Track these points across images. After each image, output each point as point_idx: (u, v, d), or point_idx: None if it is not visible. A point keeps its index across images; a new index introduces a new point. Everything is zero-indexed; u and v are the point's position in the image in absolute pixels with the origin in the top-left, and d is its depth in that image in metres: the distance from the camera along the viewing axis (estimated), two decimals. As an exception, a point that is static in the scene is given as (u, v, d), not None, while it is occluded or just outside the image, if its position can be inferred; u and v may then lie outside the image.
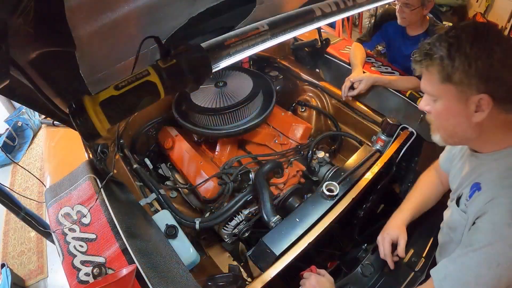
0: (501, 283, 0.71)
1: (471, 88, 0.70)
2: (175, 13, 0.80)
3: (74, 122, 0.68)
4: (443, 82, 0.73)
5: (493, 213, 0.73)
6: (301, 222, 1.14)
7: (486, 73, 0.68)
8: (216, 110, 1.46)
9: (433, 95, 0.78)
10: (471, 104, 0.72)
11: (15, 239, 2.55)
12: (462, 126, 0.76)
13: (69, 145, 1.47)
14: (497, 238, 0.71)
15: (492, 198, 0.74)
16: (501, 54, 0.67)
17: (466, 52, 0.68)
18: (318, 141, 1.66)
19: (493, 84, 0.69)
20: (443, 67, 0.71)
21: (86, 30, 0.65)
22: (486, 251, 0.72)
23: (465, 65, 0.69)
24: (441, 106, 0.77)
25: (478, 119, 0.73)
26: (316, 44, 1.90)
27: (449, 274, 0.78)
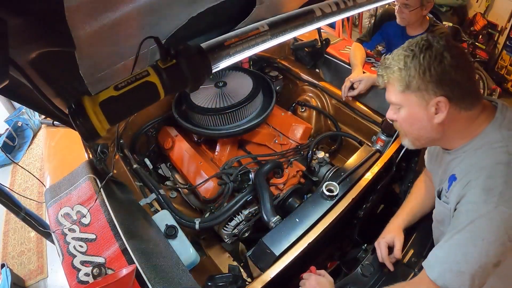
0: (489, 258, 0.73)
1: (428, 93, 0.78)
2: (175, 13, 0.80)
3: (74, 123, 0.68)
4: (403, 91, 0.81)
5: (470, 194, 0.77)
6: (301, 223, 1.14)
7: (440, 78, 0.76)
8: (216, 110, 1.46)
9: (397, 104, 0.85)
10: (430, 107, 0.79)
11: (15, 239, 2.55)
12: (426, 129, 0.83)
13: (69, 145, 1.47)
14: (477, 215, 0.75)
15: (468, 182, 0.79)
16: (451, 59, 0.75)
17: (419, 61, 0.77)
18: (318, 141, 1.66)
19: (447, 86, 0.76)
20: (402, 77, 0.80)
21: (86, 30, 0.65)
22: (469, 229, 0.75)
23: (420, 73, 0.77)
24: (405, 113, 0.84)
25: (439, 120, 0.80)
26: (316, 44, 1.90)
27: (439, 259, 0.81)
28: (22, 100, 0.76)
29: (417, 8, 1.62)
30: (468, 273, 0.75)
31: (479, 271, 0.74)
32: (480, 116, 0.82)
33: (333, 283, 1.04)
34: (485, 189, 0.75)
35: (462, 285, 0.75)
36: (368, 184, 1.28)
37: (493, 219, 0.73)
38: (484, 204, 0.74)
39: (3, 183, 1.22)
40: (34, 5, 0.53)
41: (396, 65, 0.80)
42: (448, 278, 0.77)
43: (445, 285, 0.78)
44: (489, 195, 0.74)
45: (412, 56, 0.78)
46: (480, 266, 0.74)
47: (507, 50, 3.32)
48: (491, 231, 0.73)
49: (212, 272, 1.20)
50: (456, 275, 0.76)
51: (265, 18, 0.92)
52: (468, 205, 0.77)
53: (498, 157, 0.76)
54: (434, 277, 0.80)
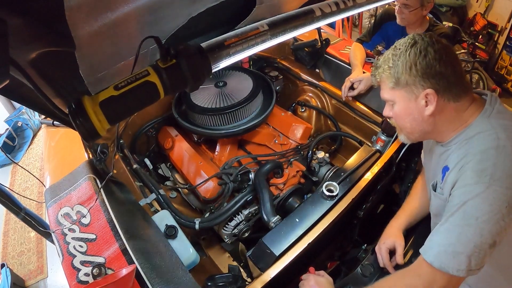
0: (485, 237, 0.74)
1: (416, 87, 0.84)
2: (175, 13, 0.80)
3: (74, 122, 0.68)
4: (394, 87, 0.87)
5: (462, 178, 0.80)
6: (301, 223, 1.14)
7: (425, 71, 0.82)
8: (216, 110, 1.46)
9: (390, 100, 0.91)
10: (420, 100, 0.84)
11: (15, 239, 2.55)
12: (417, 121, 0.89)
13: (69, 145, 1.47)
14: (470, 196, 0.76)
15: (460, 168, 0.81)
16: (435, 53, 0.81)
17: (406, 58, 0.83)
18: (318, 141, 1.66)
19: (433, 79, 0.82)
20: (391, 75, 0.86)
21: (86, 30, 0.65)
22: (462, 210, 0.77)
23: (407, 68, 0.83)
24: (398, 108, 0.90)
25: (429, 111, 0.85)
26: (316, 44, 1.90)
27: (434, 243, 0.82)
28: (22, 100, 0.76)
29: (417, 8, 1.62)
30: (464, 253, 0.75)
31: (475, 252, 0.74)
32: (469, 108, 0.86)
33: (332, 283, 1.04)
34: (477, 171, 0.77)
35: (459, 266, 0.76)
36: (368, 184, 1.28)
37: (485, 198, 0.74)
38: (476, 185, 0.76)
39: (3, 183, 1.22)
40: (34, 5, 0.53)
41: (386, 64, 0.87)
42: (444, 259, 0.78)
43: (442, 267, 0.78)
44: (480, 176, 0.76)
45: (399, 54, 0.85)
46: (475, 246, 0.74)
47: (507, 50, 3.33)
48: (484, 210, 0.74)
49: (212, 272, 1.20)
50: (452, 256, 0.77)
51: (265, 18, 0.92)
52: (461, 189, 0.79)
53: (488, 143, 0.80)
54: (431, 259, 0.80)
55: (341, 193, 1.22)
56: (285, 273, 1.04)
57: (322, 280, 1.02)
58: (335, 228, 1.17)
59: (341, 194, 1.22)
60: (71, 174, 1.25)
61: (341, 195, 1.22)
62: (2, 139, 3.19)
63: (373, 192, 1.41)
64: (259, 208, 1.33)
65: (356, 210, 1.39)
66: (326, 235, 1.13)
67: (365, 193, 1.30)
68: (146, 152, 1.76)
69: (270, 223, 1.21)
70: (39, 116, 3.36)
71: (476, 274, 0.77)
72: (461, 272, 0.76)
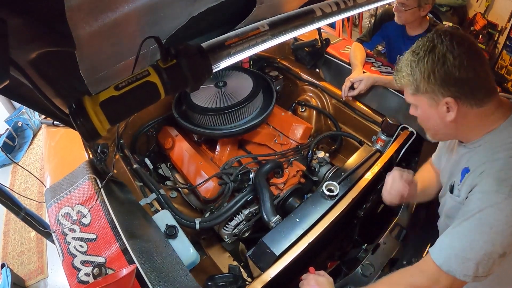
0: (496, 247, 0.74)
1: (437, 94, 0.81)
2: (175, 13, 0.80)
3: (74, 123, 0.68)
4: (414, 93, 0.85)
5: (482, 184, 0.78)
6: (301, 222, 1.14)
7: (444, 79, 0.78)
8: (216, 110, 1.46)
9: (413, 104, 0.90)
10: (441, 106, 0.82)
11: (15, 239, 2.55)
12: (439, 126, 0.87)
13: (69, 145, 1.47)
14: (487, 204, 0.75)
15: (481, 172, 0.80)
16: (454, 60, 0.76)
17: (424, 65, 0.80)
18: (318, 141, 1.66)
19: (453, 87, 0.78)
20: (411, 82, 0.84)
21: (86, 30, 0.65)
22: (478, 217, 0.76)
23: (425, 77, 0.80)
24: (420, 112, 0.89)
25: (450, 118, 0.82)
26: (316, 44, 1.90)
27: (445, 245, 0.82)
28: (22, 100, 0.76)
29: (414, 8, 1.61)
30: (473, 260, 0.75)
31: (484, 260, 0.74)
32: (496, 112, 0.83)
33: (332, 283, 1.03)
34: (498, 179, 0.75)
35: (466, 271, 0.76)
36: (368, 184, 1.28)
37: (502, 210, 0.73)
38: (495, 194, 0.75)
39: (3, 183, 1.22)
40: (34, 5, 0.53)
41: (405, 71, 0.84)
42: (453, 264, 0.77)
43: (450, 270, 0.78)
44: (501, 185, 0.75)
45: (417, 60, 0.81)
46: (485, 254, 0.74)
47: (507, 50, 3.33)
48: (499, 221, 0.73)
49: (212, 272, 1.20)
50: (461, 262, 0.76)
51: (265, 18, 0.92)
52: (479, 194, 0.78)
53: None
54: (440, 262, 0.80)
55: (341, 193, 1.22)
56: (285, 273, 1.04)
57: (322, 280, 1.02)
58: (335, 228, 1.17)
59: (341, 194, 1.22)
60: (71, 174, 1.25)
61: (341, 195, 1.22)
62: (2, 139, 3.19)
63: (373, 192, 1.41)
64: (259, 208, 1.33)
65: (356, 210, 1.39)
66: (326, 235, 1.13)
67: (365, 193, 1.30)
68: (146, 152, 1.76)
69: (270, 223, 1.21)
70: (39, 116, 3.36)
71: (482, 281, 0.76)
72: (468, 277, 0.76)
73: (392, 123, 1.48)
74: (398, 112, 1.58)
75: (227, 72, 1.69)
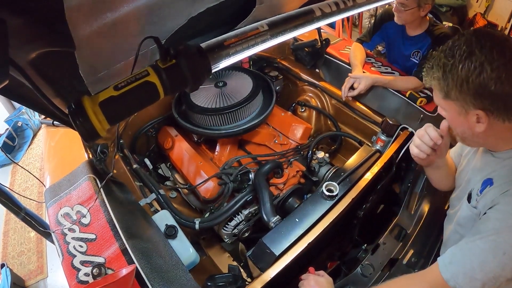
0: (505, 272, 0.73)
1: (468, 104, 0.76)
2: (175, 13, 0.80)
3: (74, 123, 0.68)
4: (444, 98, 0.80)
5: (504, 204, 0.75)
6: (301, 223, 1.14)
7: (478, 91, 0.72)
8: (216, 110, 1.46)
9: (441, 107, 0.85)
10: (471, 117, 0.78)
11: (15, 239, 2.55)
12: (467, 134, 0.83)
13: (69, 145, 1.47)
14: (505, 228, 0.73)
15: (506, 191, 0.77)
16: (492, 72, 0.70)
17: (458, 72, 0.73)
18: (318, 141, 1.66)
19: (486, 100, 0.73)
20: (441, 86, 0.79)
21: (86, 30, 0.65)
22: (493, 239, 0.74)
23: (458, 85, 0.74)
24: (448, 116, 0.85)
25: (480, 129, 0.78)
26: (316, 44, 1.90)
27: (455, 260, 0.80)
28: (22, 100, 0.76)
29: (413, 8, 1.62)
30: (481, 280, 0.74)
31: (491, 281, 0.74)
32: None
33: (332, 283, 1.04)
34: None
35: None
36: (368, 184, 1.28)
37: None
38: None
39: (3, 183, 1.22)
40: (34, 5, 0.53)
41: (436, 73, 0.78)
42: (461, 281, 0.77)
43: (456, 286, 0.77)
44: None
45: (451, 65, 0.74)
46: (494, 277, 0.74)
47: (507, 50, 3.32)
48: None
49: (212, 272, 1.20)
50: (469, 280, 0.76)
51: (265, 18, 0.92)
52: (499, 214, 0.76)
53: None
54: (447, 276, 0.79)
55: (341, 193, 1.22)
56: (285, 273, 1.04)
57: (322, 280, 1.02)
58: (335, 228, 1.17)
59: (341, 194, 1.22)
60: (71, 174, 1.25)
61: (341, 195, 1.22)
62: (2, 139, 3.19)
63: (373, 192, 1.41)
64: (259, 208, 1.33)
65: (356, 210, 1.39)
66: (326, 235, 1.13)
67: (365, 193, 1.30)
68: (146, 152, 1.76)
69: (270, 223, 1.21)
70: (39, 116, 3.36)
71: None
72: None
73: (392, 123, 1.48)
74: (398, 112, 1.58)
75: (227, 72, 1.69)
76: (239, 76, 1.66)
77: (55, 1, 0.54)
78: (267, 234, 1.12)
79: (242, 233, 1.40)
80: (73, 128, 0.69)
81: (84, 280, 0.94)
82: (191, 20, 0.84)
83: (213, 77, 1.64)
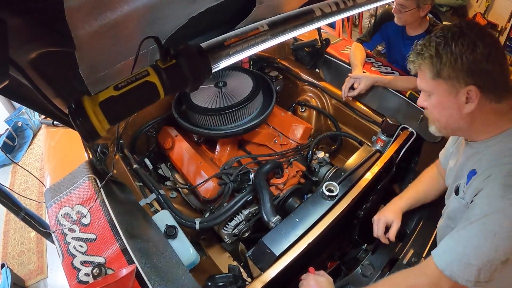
0: (499, 253, 0.73)
1: (459, 82, 0.78)
2: (175, 13, 0.80)
3: (74, 123, 0.68)
4: (434, 78, 0.81)
5: (488, 189, 0.77)
6: (301, 223, 1.14)
7: (471, 67, 0.75)
8: (216, 110, 1.46)
9: (427, 91, 0.86)
10: (461, 96, 0.79)
11: (15, 239, 2.55)
12: (454, 117, 0.83)
13: (69, 145, 1.47)
14: (493, 210, 0.74)
15: (488, 176, 0.78)
16: (484, 49, 0.74)
17: (451, 49, 0.76)
18: (318, 141, 1.66)
19: (478, 76, 0.76)
20: (433, 65, 0.79)
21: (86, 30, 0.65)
22: (482, 222, 0.75)
23: (452, 61, 0.76)
24: (435, 100, 0.84)
25: (468, 109, 0.80)
26: (316, 44, 1.90)
27: (448, 249, 0.81)
28: (22, 100, 0.76)
29: (412, 9, 1.62)
30: (476, 265, 0.75)
31: (487, 266, 0.74)
32: (509, 113, 0.82)
33: (332, 282, 1.04)
34: (504, 185, 0.75)
35: (468, 277, 0.75)
36: (368, 184, 1.28)
37: (508, 216, 0.73)
38: (501, 199, 0.74)
39: (3, 183, 1.22)
40: (34, 5, 0.53)
41: (428, 52, 0.80)
42: (456, 269, 0.77)
43: (452, 275, 0.78)
44: (506, 191, 0.74)
45: (444, 43, 0.77)
46: (488, 261, 0.74)
47: (507, 50, 3.32)
48: (504, 227, 0.73)
49: (212, 272, 1.20)
50: (464, 267, 0.76)
51: (265, 18, 0.92)
52: (485, 199, 0.77)
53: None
54: (442, 266, 0.79)
55: (341, 193, 1.22)
56: (285, 273, 1.04)
57: (322, 280, 1.02)
58: (335, 228, 1.17)
59: (341, 194, 1.22)
60: (71, 174, 1.25)
61: (341, 195, 1.22)
62: (2, 139, 3.19)
63: (373, 192, 1.41)
64: (259, 208, 1.33)
65: (356, 210, 1.39)
66: (326, 235, 1.13)
67: (365, 193, 1.30)
68: (146, 152, 1.76)
69: (270, 223, 1.21)
70: (39, 116, 3.36)
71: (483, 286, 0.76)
72: (469, 283, 0.75)
73: (392, 123, 1.48)
74: (398, 112, 1.58)
75: (227, 72, 1.69)
76: (239, 76, 1.66)
77: (55, 1, 0.54)
78: (267, 234, 1.12)
79: (242, 233, 1.40)
80: (73, 128, 0.70)
81: (84, 280, 0.94)
82: (191, 20, 0.84)
83: (213, 77, 1.64)
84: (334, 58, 1.92)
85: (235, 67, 1.76)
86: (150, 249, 1.02)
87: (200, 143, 1.70)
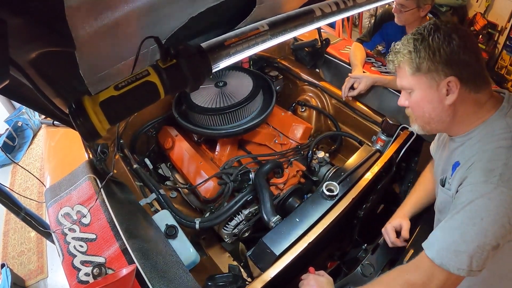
0: (488, 238, 0.73)
1: (439, 74, 0.80)
2: (175, 13, 0.80)
3: (74, 123, 0.68)
4: (414, 73, 0.83)
5: (471, 176, 0.78)
6: (301, 222, 1.14)
7: (449, 58, 0.78)
8: (216, 110, 1.46)
9: (408, 88, 0.88)
10: (442, 88, 0.81)
11: (15, 239, 2.55)
12: (436, 111, 0.85)
13: (69, 145, 1.47)
14: (477, 195, 0.75)
15: (470, 165, 0.80)
16: (460, 40, 0.78)
17: (429, 43, 0.79)
18: (318, 141, 1.66)
19: (456, 67, 0.79)
20: (412, 60, 0.82)
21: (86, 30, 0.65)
22: (468, 209, 0.76)
23: (430, 54, 0.79)
24: (416, 96, 0.87)
25: (450, 101, 0.82)
26: (316, 44, 1.90)
27: (437, 239, 0.82)
28: (22, 100, 0.76)
29: (413, 9, 1.62)
30: (466, 252, 0.74)
31: (478, 252, 0.73)
32: (487, 103, 0.84)
33: (332, 282, 1.04)
34: (486, 170, 0.76)
35: (460, 265, 0.75)
36: (368, 184, 1.28)
37: (492, 199, 0.73)
38: (484, 184, 0.75)
39: (3, 183, 1.22)
40: (34, 5, 0.53)
41: (406, 49, 0.83)
42: (446, 257, 0.77)
43: (443, 264, 0.77)
44: (489, 176, 0.75)
45: (421, 39, 0.81)
46: (478, 246, 0.73)
47: (507, 50, 3.32)
48: (490, 211, 0.73)
49: (212, 272, 1.20)
50: (454, 255, 0.76)
51: (265, 18, 0.92)
52: (469, 186, 0.78)
53: (500, 142, 0.78)
54: (432, 256, 0.79)
55: (341, 193, 1.22)
56: (285, 273, 1.04)
57: (322, 280, 1.02)
58: (335, 228, 1.17)
59: (341, 194, 1.22)
60: (71, 174, 1.25)
61: (341, 195, 1.22)
62: (2, 139, 3.19)
63: (373, 192, 1.41)
64: (259, 208, 1.33)
65: (356, 210, 1.39)
66: (326, 235, 1.13)
67: (365, 193, 1.30)
68: (146, 152, 1.76)
69: (270, 223, 1.21)
70: (39, 116, 3.36)
71: (477, 275, 0.76)
72: (462, 271, 0.75)
73: (392, 123, 1.48)
74: (398, 112, 1.58)
75: (227, 72, 1.69)
76: (239, 76, 1.66)
77: (55, 1, 0.54)
78: (267, 234, 1.12)
79: (242, 233, 1.41)
80: (74, 128, 0.69)
81: (84, 280, 0.94)
82: (191, 20, 0.84)
83: (213, 77, 1.64)
84: (334, 58, 1.92)
85: (235, 67, 1.76)
86: (150, 249, 1.02)
87: (200, 143, 1.70)
